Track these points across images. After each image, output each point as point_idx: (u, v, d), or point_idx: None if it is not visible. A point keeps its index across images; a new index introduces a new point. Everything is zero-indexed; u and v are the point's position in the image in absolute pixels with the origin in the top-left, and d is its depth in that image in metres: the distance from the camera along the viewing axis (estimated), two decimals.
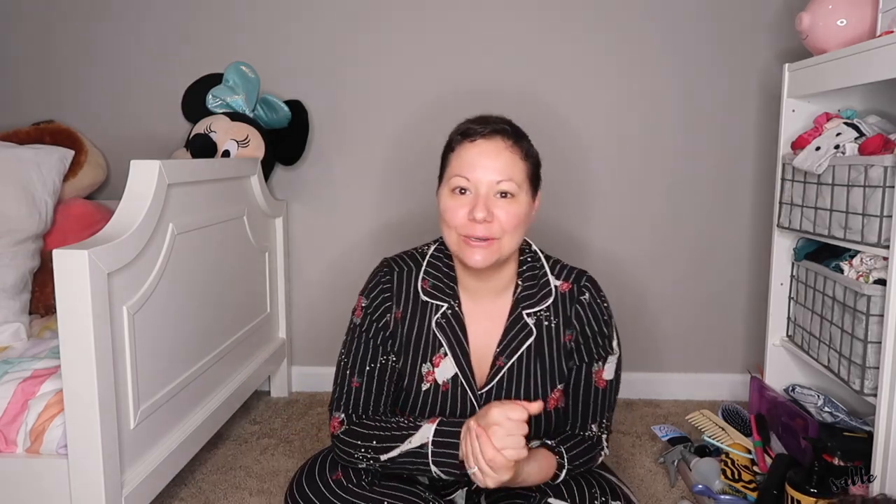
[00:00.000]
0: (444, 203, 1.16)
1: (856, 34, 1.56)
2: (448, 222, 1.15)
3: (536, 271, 1.24)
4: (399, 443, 1.12)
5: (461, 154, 1.14)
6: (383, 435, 1.14)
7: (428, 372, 1.21)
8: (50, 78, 2.29)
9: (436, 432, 1.09)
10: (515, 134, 1.16)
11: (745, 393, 2.15)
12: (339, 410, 1.21)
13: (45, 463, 1.29)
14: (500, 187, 1.12)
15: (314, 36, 2.22)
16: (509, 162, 1.13)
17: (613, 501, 1.14)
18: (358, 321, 1.23)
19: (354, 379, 1.21)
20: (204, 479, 1.73)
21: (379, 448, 1.14)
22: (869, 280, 1.44)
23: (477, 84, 2.17)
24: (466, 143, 1.14)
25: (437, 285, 1.22)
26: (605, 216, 2.23)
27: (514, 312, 1.21)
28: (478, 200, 1.11)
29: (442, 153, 1.21)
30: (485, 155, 1.12)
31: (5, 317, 1.66)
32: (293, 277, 2.33)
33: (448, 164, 1.17)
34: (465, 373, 1.20)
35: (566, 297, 1.22)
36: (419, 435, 1.11)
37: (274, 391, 2.31)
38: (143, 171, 1.39)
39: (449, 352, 1.20)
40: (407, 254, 1.27)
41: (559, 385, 1.22)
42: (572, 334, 1.21)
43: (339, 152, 2.27)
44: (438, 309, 1.21)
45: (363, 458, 1.15)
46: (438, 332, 1.20)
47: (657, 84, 2.17)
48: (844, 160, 1.49)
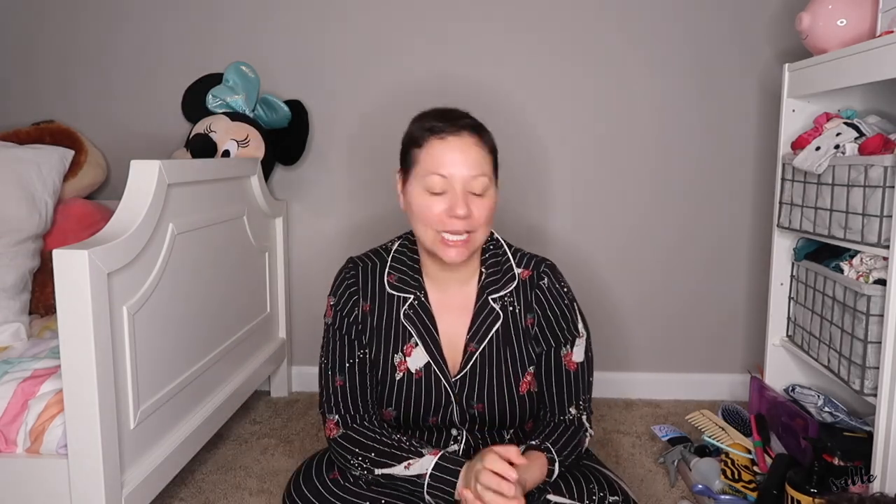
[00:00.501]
0: (417, 201, 1.16)
1: (856, 34, 1.56)
2: (424, 220, 1.15)
3: (499, 258, 1.27)
4: (396, 462, 1.13)
5: (431, 151, 1.14)
6: (382, 450, 1.15)
7: (400, 362, 1.22)
8: (50, 78, 2.29)
9: (436, 466, 1.11)
10: (480, 128, 1.18)
11: (745, 393, 2.15)
12: (332, 413, 1.22)
13: (45, 463, 1.29)
14: (474, 183, 1.13)
15: (314, 36, 2.22)
16: (479, 157, 1.15)
17: (611, 496, 1.15)
18: (330, 321, 1.26)
19: (337, 378, 1.22)
20: (204, 479, 1.73)
21: (376, 461, 1.15)
22: (869, 280, 1.44)
23: (477, 83, 2.16)
24: (435, 139, 1.14)
25: (403, 278, 1.25)
26: (605, 216, 2.23)
27: (480, 298, 1.23)
28: (456, 198, 1.12)
29: (403, 147, 1.21)
30: (459, 151, 1.13)
31: (5, 317, 1.66)
32: (293, 277, 2.33)
33: (416, 161, 1.16)
34: (437, 360, 1.21)
35: (526, 284, 1.25)
36: (419, 465, 1.12)
37: (274, 391, 2.31)
38: (143, 171, 1.39)
39: (419, 340, 1.22)
40: (372, 251, 1.30)
41: (529, 368, 1.24)
42: (533, 318, 1.23)
43: (339, 152, 2.27)
44: (405, 301, 1.23)
45: (358, 467, 1.16)
46: (407, 323, 1.22)
47: (657, 84, 2.17)
48: (844, 160, 1.49)
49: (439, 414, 1.22)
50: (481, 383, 1.22)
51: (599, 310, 2.21)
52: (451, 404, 1.22)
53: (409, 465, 1.12)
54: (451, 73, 2.19)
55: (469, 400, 1.22)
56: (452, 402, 1.22)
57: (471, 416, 1.22)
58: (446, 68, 2.19)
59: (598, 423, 2.07)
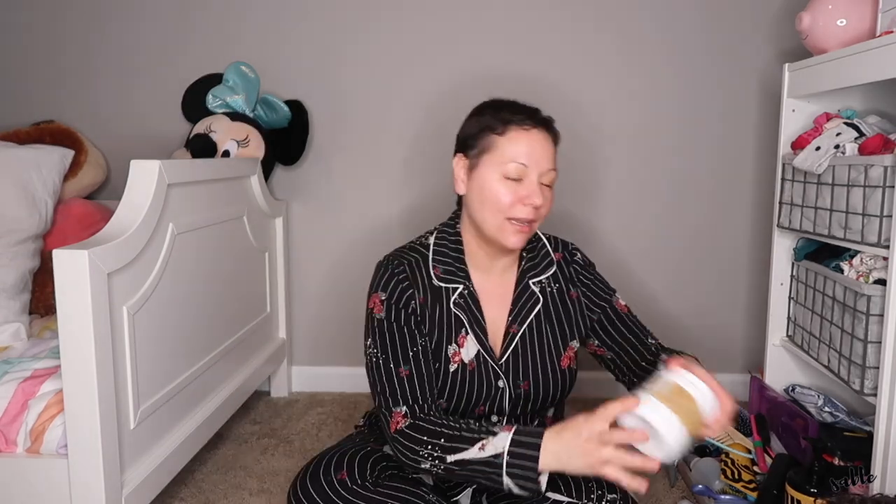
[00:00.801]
0: (492, 186, 1.19)
1: (856, 34, 1.56)
2: (495, 204, 1.19)
3: (535, 243, 1.33)
4: (468, 445, 1.06)
5: (515, 140, 1.19)
6: (452, 434, 1.09)
7: (454, 353, 1.23)
8: (50, 78, 2.29)
9: (513, 442, 1.03)
10: (553, 124, 1.25)
11: (745, 393, 2.15)
12: (399, 405, 1.15)
13: (45, 463, 1.29)
14: (548, 176, 1.20)
15: (314, 36, 2.22)
16: (553, 152, 1.22)
17: (609, 494, 1.15)
18: (382, 315, 1.20)
19: (402, 369, 1.17)
20: (204, 479, 1.73)
21: (447, 447, 1.08)
22: (869, 280, 1.44)
23: (477, 83, 2.16)
24: (520, 130, 1.19)
25: (449, 269, 1.26)
26: (604, 216, 2.23)
27: (520, 283, 1.28)
28: (533, 187, 1.18)
29: (476, 131, 1.22)
30: (539, 144, 1.19)
31: (5, 317, 1.66)
32: (293, 277, 2.33)
33: (494, 148, 1.20)
34: (486, 348, 1.23)
35: (562, 264, 1.33)
36: (492, 445, 1.05)
37: (274, 391, 2.31)
38: (143, 171, 1.39)
39: (469, 330, 1.23)
40: (406, 248, 1.29)
41: (571, 343, 1.29)
42: (577, 292, 1.32)
43: (339, 152, 2.27)
44: (454, 291, 1.25)
45: (428, 457, 1.09)
46: (458, 312, 1.24)
47: (657, 84, 2.17)
48: (844, 160, 1.49)
49: (489, 402, 1.23)
50: (525, 362, 1.24)
51: None
52: (500, 390, 1.23)
53: (483, 445, 1.05)
54: (453, 72, 2.19)
55: (516, 380, 1.24)
56: (502, 387, 1.23)
57: (517, 396, 1.24)
58: (448, 68, 2.19)
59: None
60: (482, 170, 1.21)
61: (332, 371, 2.35)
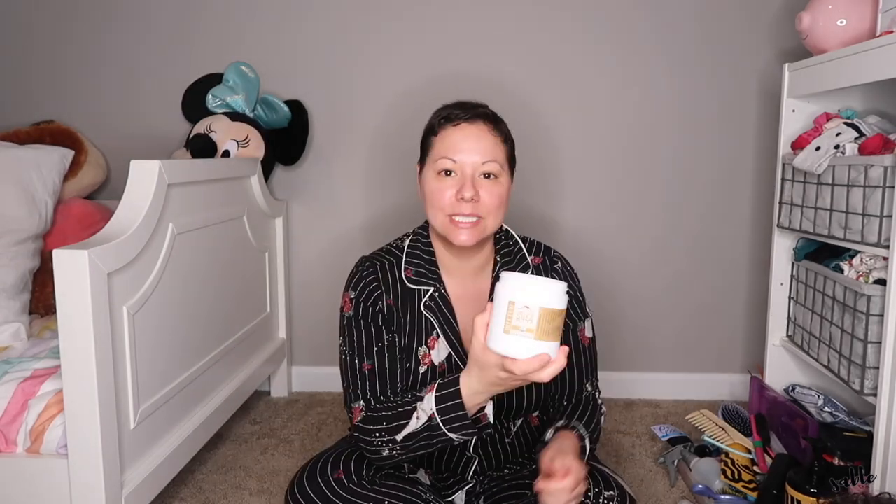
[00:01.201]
0: (429, 185, 1.20)
1: (856, 34, 1.56)
2: (435, 203, 1.19)
3: (511, 248, 1.31)
4: (407, 419, 1.09)
5: (445, 137, 1.19)
6: (391, 414, 1.12)
7: (424, 355, 1.23)
8: (50, 78, 2.29)
9: (436, 400, 1.06)
10: (495, 118, 1.23)
11: (745, 393, 2.15)
12: (358, 399, 1.19)
13: (45, 463, 1.29)
14: (484, 168, 1.18)
15: (314, 36, 2.22)
16: (491, 144, 1.19)
17: (606, 491, 1.15)
18: (351, 313, 1.24)
19: (365, 363, 1.20)
20: (204, 479, 1.73)
21: (391, 428, 1.11)
22: (869, 280, 1.44)
23: (477, 83, 2.16)
24: (450, 126, 1.19)
25: (420, 272, 1.26)
26: (604, 216, 2.23)
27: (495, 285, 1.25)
28: (465, 181, 1.16)
29: (423, 137, 1.25)
30: (470, 137, 1.18)
31: (5, 317, 1.66)
32: (293, 277, 2.33)
33: (431, 147, 1.21)
34: (457, 351, 1.23)
35: (540, 270, 1.30)
36: (423, 409, 1.08)
37: (274, 391, 2.31)
38: (143, 171, 1.39)
39: (440, 333, 1.23)
40: (382, 249, 1.31)
41: None
42: None
43: (339, 152, 2.27)
44: (425, 293, 1.25)
45: (382, 444, 1.12)
46: (428, 314, 1.24)
47: (657, 84, 2.17)
48: (844, 160, 1.49)
49: None
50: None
51: (599, 310, 2.21)
52: None
53: (418, 416, 1.08)
54: (454, 72, 2.19)
55: None
56: None
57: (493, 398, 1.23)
58: (449, 68, 2.19)
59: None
60: (425, 172, 1.23)
61: (332, 371, 2.33)
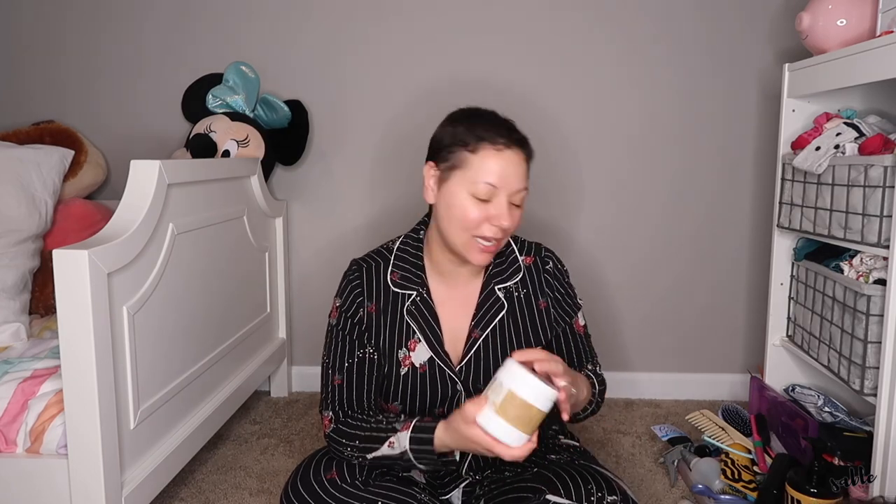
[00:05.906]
0: (461, 204, 1.17)
1: (856, 34, 1.56)
2: (461, 222, 1.18)
3: (504, 249, 1.32)
4: (379, 444, 1.15)
5: (486, 159, 1.16)
6: (365, 435, 1.18)
7: (404, 357, 1.25)
8: (50, 78, 2.29)
9: (411, 440, 1.12)
10: (527, 143, 1.22)
11: (745, 393, 2.16)
12: (328, 409, 1.25)
13: (45, 463, 1.29)
14: (517, 197, 1.19)
15: (314, 36, 2.22)
16: (525, 172, 1.20)
17: (609, 496, 1.15)
18: (334, 321, 1.28)
19: (336, 377, 1.26)
20: (204, 479, 1.73)
21: (363, 448, 1.17)
22: (869, 280, 1.44)
23: (478, 83, 2.16)
24: (491, 149, 1.16)
25: (406, 275, 1.28)
26: (605, 216, 2.23)
27: (486, 288, 1.28)
28: (501, 209, 1.16)
29: (443, 144, 1.20)
30: (511, 165, 1.17)
31: (5, 317, 1.66)
32: (293, 277, 2.33)
33: (466, 165, 1.17)
34: (439, 354, 1.24)
35: (532, 269, 1.31)
36: (398, 440, 1.13)
37: (274, 391, 2.31)
38: (143, 171, 1.39)
39: (421, 336, 1.25)
40: (374, 251, 1.33)
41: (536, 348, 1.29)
42: (546, 301, 1.30)
43: (339, 152, 2.27)
44: (408, 297, 1.27)
45: (352, 456, 1.19)
46: (409, 319, 1.26)
47: (657, 84, 2.17)
48: (844, 160, 1.49)
49: (445, 405, 1.25)
50: (486, 367, 1.25)
51: (599, 310, 2.21)
52: (458, 394, 1.24)
53: (392, 443, 1.14)
54: (455, 72, 2.19)
55: (476, 384, 1.24)
56: (460, 391, 1.24)
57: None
58: (449, 68, 2.19)
59: (598, 422, 2.07)
60: (452, 186, 1.19)
61: None
